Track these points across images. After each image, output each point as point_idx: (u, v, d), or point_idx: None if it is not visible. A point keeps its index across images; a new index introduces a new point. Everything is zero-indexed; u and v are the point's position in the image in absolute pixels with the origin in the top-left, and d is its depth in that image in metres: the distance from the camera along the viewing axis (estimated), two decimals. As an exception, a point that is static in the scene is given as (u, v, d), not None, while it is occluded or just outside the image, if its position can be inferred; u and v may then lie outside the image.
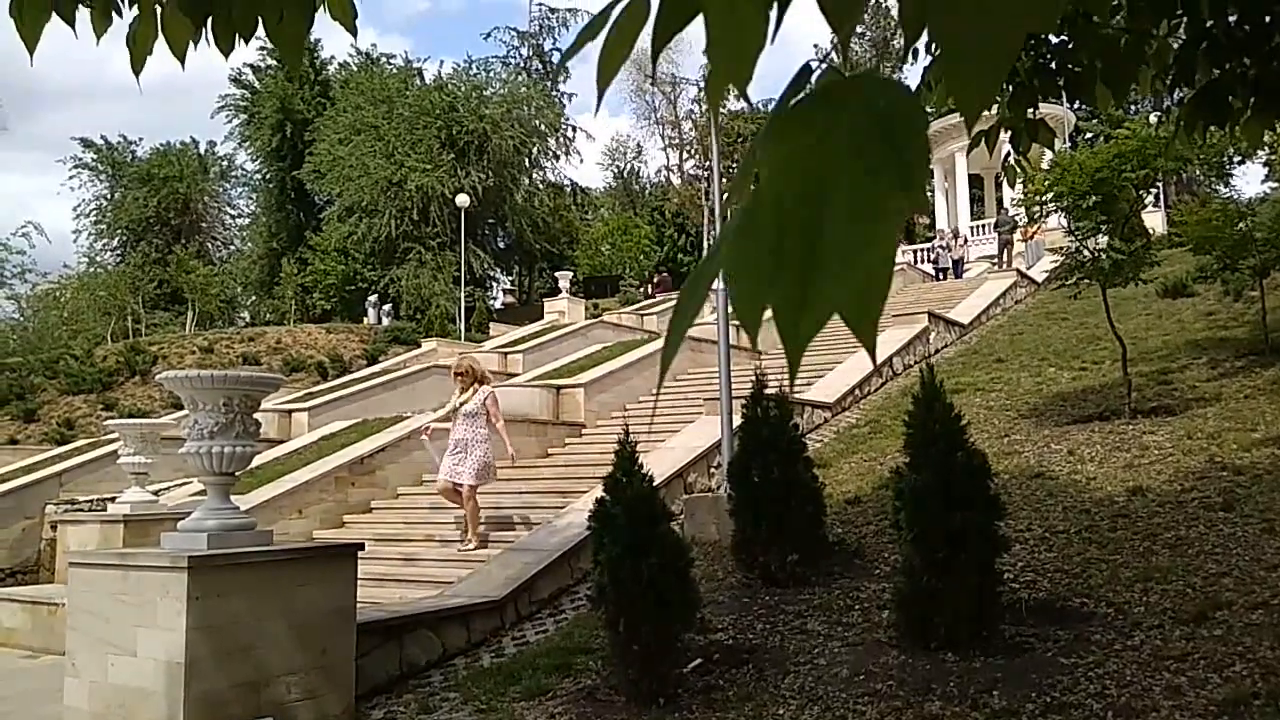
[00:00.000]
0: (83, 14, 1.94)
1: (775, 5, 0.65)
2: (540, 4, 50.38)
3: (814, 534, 6.86)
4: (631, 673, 5.35)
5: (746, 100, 0.73)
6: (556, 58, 50.18)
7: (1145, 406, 9.24)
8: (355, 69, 41.89)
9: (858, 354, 12.84)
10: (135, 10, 1.80)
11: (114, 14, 1.83)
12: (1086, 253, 9.75)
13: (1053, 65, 3.39)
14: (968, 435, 5.62)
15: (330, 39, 53.91)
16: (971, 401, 10.29)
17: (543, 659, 6.15)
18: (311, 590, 5.60)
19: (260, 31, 1.85)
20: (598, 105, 0.83)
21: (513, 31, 50.14)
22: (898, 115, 0.60)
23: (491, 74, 43.05)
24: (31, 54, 1.80)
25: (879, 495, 7.96)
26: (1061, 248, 10.39)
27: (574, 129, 45.83)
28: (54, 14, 1.77)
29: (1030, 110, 3.49)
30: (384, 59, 43.37)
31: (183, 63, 1.80)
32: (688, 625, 5.59)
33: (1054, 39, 3.31)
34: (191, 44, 1.79)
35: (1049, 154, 8.77)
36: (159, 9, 1.77)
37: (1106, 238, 9.87)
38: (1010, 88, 3.34)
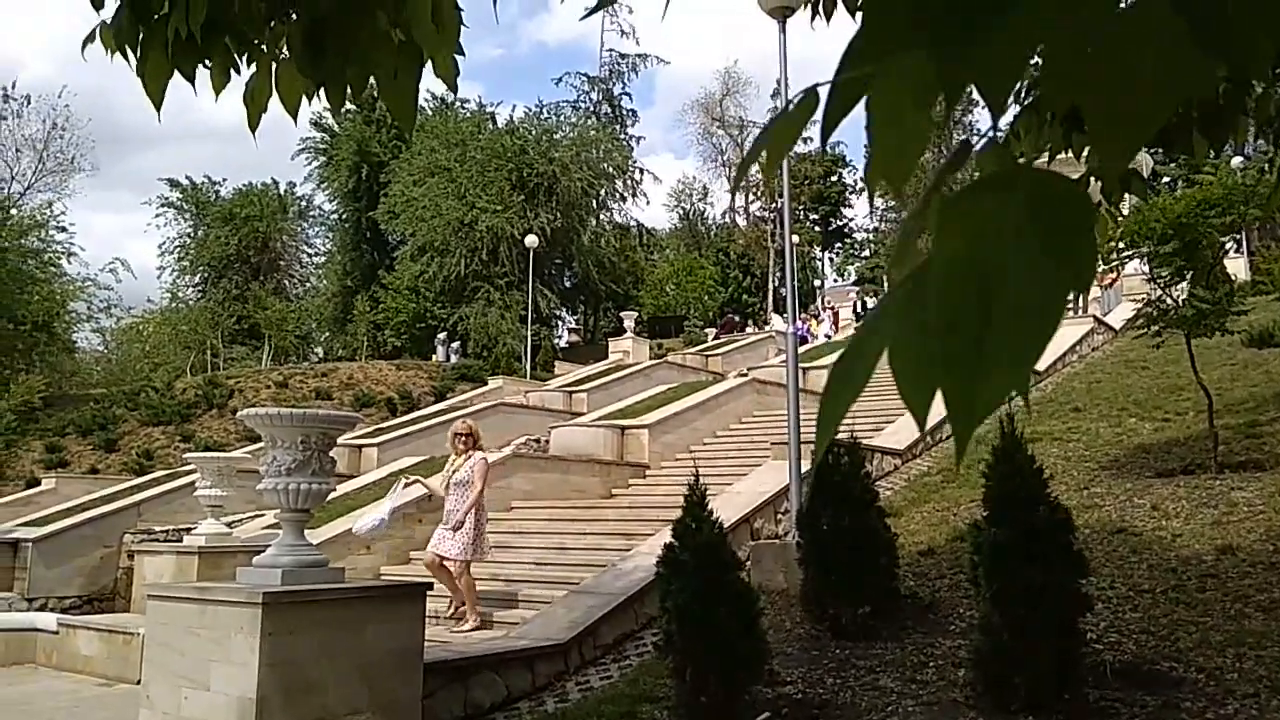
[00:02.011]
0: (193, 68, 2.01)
1: (939, 102, 0.65)
2: (610, 50, 51.29)
3: (886, 586, 6.71)
4: (698, 724, 5.26)
5: (899, 197, 0.74)
6: (626, 101, 51.04)
7: (1232, 461, 8.89)
8: (430, 113, 42.95)
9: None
10: (252, 68, 1.86)
11: (232, 71, 1.90)
12: (1169, 301, 9.47)
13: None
14: (1049, 488, 5.46)
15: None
16: (1048, 451, 10.00)
17: (607, 706, 6.07)
18: (380, 629, 5.63)
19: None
20: (769, 182, 0.83)
21: (583, 76, 51.11)
22: (1067, 208, 0.60)
23: (561, 118, 43.96)
24: (158, 109, 1.87)
25: (953, 547, 7.76)
26: (1143, 295, 10.12)
27: (641, 171, 46.33)
28: (176, 72, 1.85)
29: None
30: (458, 103, 44.46)
31: (295, 117, 1.86)
32: (756, 677, 5.49)
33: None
34: (305, 99, 1.85)
35: (1129, 198, 8.58)
36: (274, 66, 1.83)
37: (1188, 285, 9.59)
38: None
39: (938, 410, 0.63)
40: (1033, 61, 0.70)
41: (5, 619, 10.07)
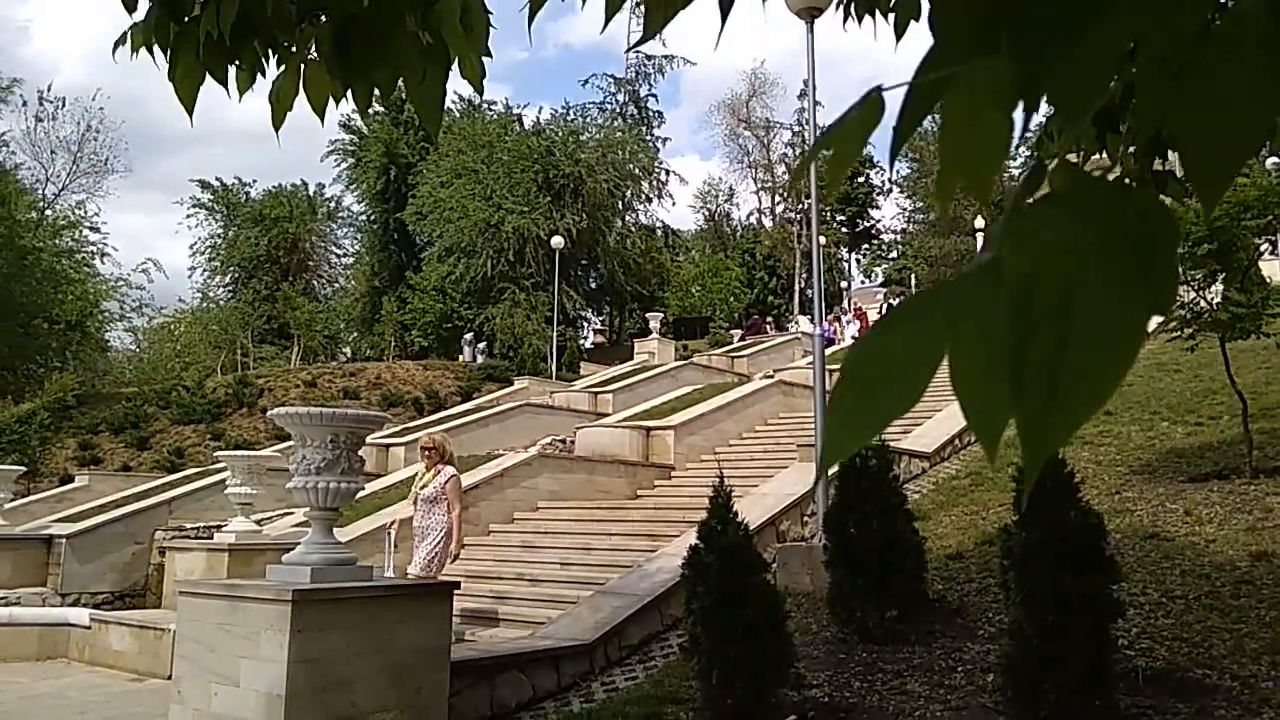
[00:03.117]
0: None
1: (1021, 106, 0.63)
2: (636, 51, 51.22)
3: (914, 590, 6.66)
4: (724, 726, 5.25)
5: (985, 204, 0.72)
6: (652, 103, 50.99)
7: (1267, 466, 8.74)
8: (457, 115, 43.15)
9: (956, 402, 12.50)
10: (280, 69, 1.87)
11: (260, 74, 1.92)
12: (1203, 303, 9.34)
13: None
14: (1080, 492, 5.40)
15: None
16: (1079, 456, 9.89)
17: (633, 707, 6.07)
18: (408, 627, 5.66)
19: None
20: (831, 194, 0.82)
21: (609, 78, 51.07)
22: (1150, 226, 0.58)
23: (588, 119, 43.94)
24: (190, 111, 1.89)
25: (982, 551, 7.69)
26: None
27: (667, 172, 46.27)
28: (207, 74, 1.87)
29: (1160, 162, 3.37)
30: (485, 105, 44.60)
31: (322, 118, 1.87)
32: (782, 680, 5.46)
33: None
34: (333, 101, 1.86)
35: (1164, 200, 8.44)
36: (302, 67, 1.84)
37: (1222, 287, 9.45)
38: (1136, 139, 3.23)
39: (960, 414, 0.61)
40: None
41: (39, 614, 10.23)
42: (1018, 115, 0.70)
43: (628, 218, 42.94)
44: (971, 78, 0.62)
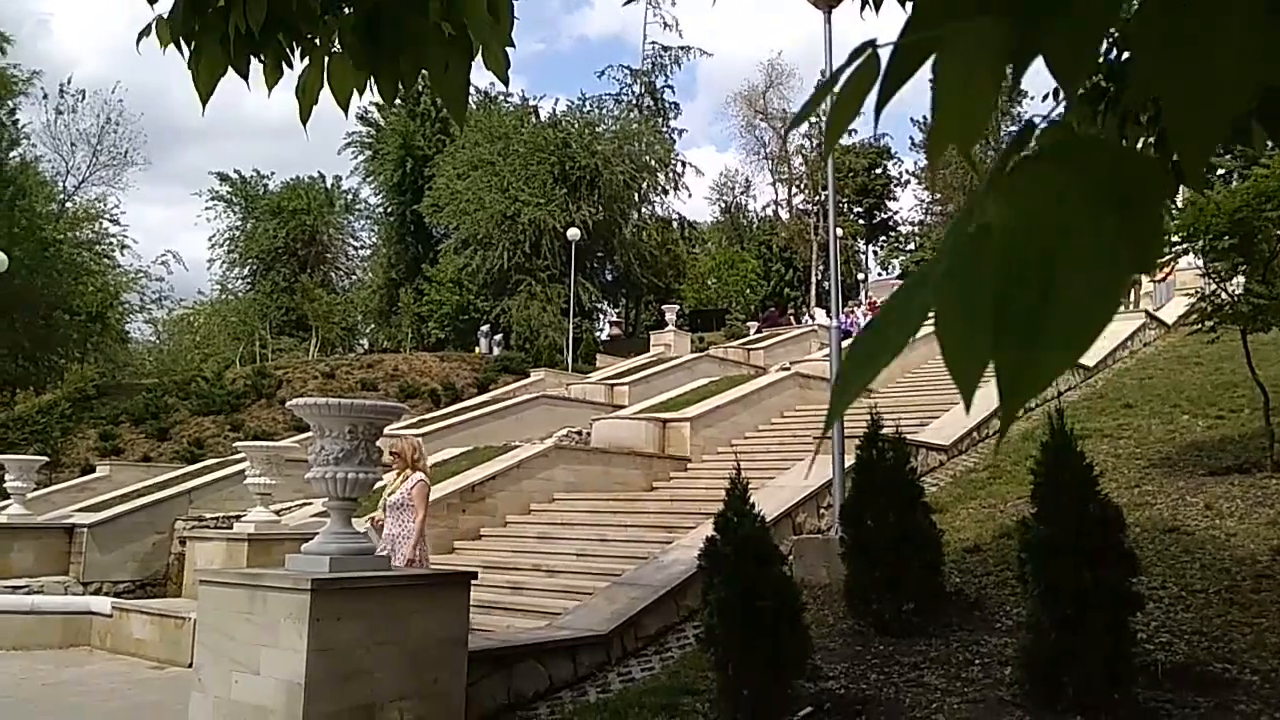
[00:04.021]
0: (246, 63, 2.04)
1: (1010, 70, 0.63)
2: (653, 43, 51.08)
3: (931, 582, 6.64)
4: (740, 718, 5.26)
5: (970, 163, 0.72)
6: (668, 94, 50.81)
7: (1289, 459, 8.67)
8: (474, 107, 43.13)
9: (975, 393, 12.42)
10: (305, 61, 1.88)
11: (285, 66, 1.93)
12: (1225, 295, 9.26)
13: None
14: (1099, 485, 5.37)
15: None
16: (1098, 448, 9.84)
17: (649, 698, 6.09)
18: (426, 617, 5.69)
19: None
20: (827, 158, 0.82)
21: (626, 69, 50.91)
22: (1137, 184, 0.58)
23: (604, 111, 43.89)
24: (205, 102, 1.90)
25: (1000, 544, 7.66)
26: (1196, 290, 9.90)
27: (683, 164, 46.14)
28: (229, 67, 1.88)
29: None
30: (501, 97, 44.62)
31: (346, 110, 1.88)
32: (799, 672, 5.47)
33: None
34: (356, 92, 1.86)
35: (1184, 190, 8.38)
36: (326, 60, 1.85)
37: (1244, 279, 9.37)
38: (1157, 130, 3.21)
39: (984, 404, 0.62)
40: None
41: (62, 602, 10.34)
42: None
43: (644, 209, 42.91)
44: (965, 38, 0.63)
